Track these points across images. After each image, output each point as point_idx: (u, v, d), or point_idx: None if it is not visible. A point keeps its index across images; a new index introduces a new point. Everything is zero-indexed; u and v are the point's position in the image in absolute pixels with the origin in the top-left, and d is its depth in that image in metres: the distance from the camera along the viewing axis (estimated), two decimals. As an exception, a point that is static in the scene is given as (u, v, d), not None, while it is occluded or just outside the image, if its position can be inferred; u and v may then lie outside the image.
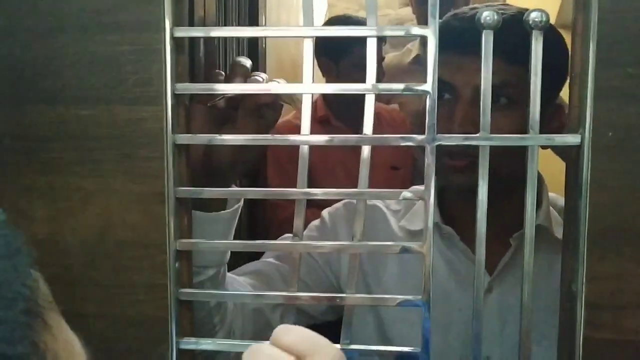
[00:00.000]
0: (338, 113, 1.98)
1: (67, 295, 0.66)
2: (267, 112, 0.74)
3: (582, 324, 0.61)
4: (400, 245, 0.64)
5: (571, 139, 0.61)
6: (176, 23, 0.64)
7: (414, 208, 1.02)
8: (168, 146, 0.64)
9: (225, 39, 1.32)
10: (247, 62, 0.75)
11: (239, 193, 0.66)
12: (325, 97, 2.04)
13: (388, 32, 0.65)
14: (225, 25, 1.35)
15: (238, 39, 1.45)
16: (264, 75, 0.74)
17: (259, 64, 1.68)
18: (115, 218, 0.66)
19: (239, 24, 1.47)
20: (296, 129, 0.65)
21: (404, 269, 0.98)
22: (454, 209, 0.99)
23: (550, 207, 0.99)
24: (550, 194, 1.00)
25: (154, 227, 0.66)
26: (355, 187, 0.63)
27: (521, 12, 0.83)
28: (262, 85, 0.71)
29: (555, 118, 0.91)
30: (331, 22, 2.11)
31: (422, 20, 2.13)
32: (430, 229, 0.62)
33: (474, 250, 0.92)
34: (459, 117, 0.86)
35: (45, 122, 0.66)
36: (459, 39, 0.80)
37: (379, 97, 2.48)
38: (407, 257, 0.88)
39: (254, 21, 1.60)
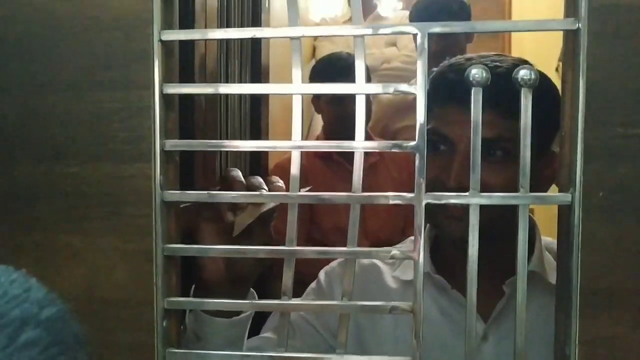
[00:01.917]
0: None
1: (52, 355, 0.64)
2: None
3: (577, 387, 0.59)
4: (390, 306, 0.63)
5: (562, 198, 0.60)
6: (166, 80, 0.64)
7: (406, 260, 1.01)
8: (156, 203, 0.64)
9: (227, 48, 1.33)
10: (238, 173, 0.76)
11: (231, 251, 0.65)
12: (327, 133, 2.05)
13: (374, 90, 0.65)
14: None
15: (240, 58, 1.45)
16: (259, 179, 0.75)
17: (261, 74, 1.68)
18: (102, 276, 0.65)
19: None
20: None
21: (401, 321, 0.96)
22: (447, 257, 0.98)
23: (546, 252, 0.98)
24: (546, 239, 1.00)
25: (141, 286, 0.65)
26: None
27: (515, 64, 0.83)
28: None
29: (549, 166, 0.91)
30: (323, 60, 2.11)
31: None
32: (420, 289, 0.61)
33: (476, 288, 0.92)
34: (455, 170, 0.85)
35: (34, 179, 0.66)
36: (454, 92, 0.80)
37: (383, 134, 2.51)
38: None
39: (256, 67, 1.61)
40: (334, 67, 1.98)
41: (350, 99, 0.61)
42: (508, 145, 0.85)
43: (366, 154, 1.91)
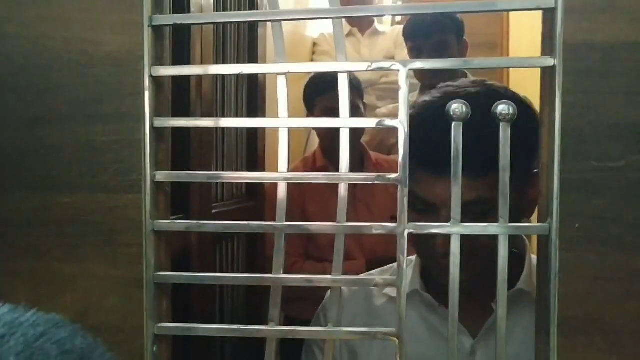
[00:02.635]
0: (336, 163, 2.01)
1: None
2: None
3: (555, 413, 0.61)
4: (375, 331, 0.64)
5: (540, 229, 0.62)
6: (157, 113, 0.66)
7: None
8: (147, 233, 0.66)
9: (223, 78, 1.35)
10: None
11: (219, 279, 0.67)
12: (323, 148, 2.08)
13: (358, 124, 0.67)
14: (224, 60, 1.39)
15: (237, 78, 1.48)
16: None
17: (257, 104, 1.70)
18: (95, 303, 0.67)
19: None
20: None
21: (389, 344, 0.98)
22: (436, 274, 1.00)
23: (535, 271, 0.99)
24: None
25: (132, 312, 0.67)
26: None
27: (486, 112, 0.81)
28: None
29: (535, 185, 0.93)
30: (316, 76, 2.12)
31: (417, 74, 2.17)
32: (404, 315, 0.63)
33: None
34: (441, 237, 0.83)
35: (28, 208, 0.68)
36: (428, 157, 0.80)
37: (379, 149, 2.53)
38: None
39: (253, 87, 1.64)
40: (326, 81, 2.00)
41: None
42: (488, 204, 0.84)
43: (363, 168, 1.93)
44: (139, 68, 0.65)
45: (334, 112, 0.62)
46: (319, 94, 1.96)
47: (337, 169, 2.06)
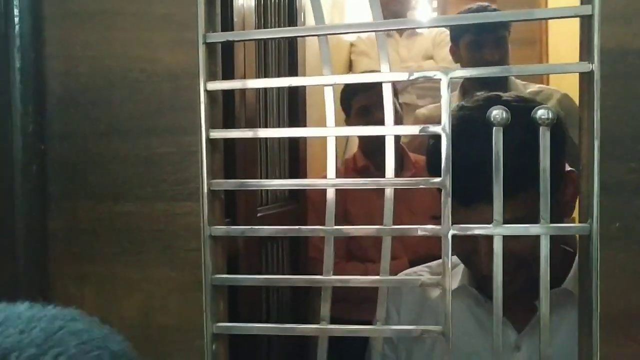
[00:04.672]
0: (377, 163, 2.04)
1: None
2: None
3: (599, 407, 0.63)
4: (421, 329, 0.67)
5: (580, 228, 0.64)
6: (211, 125, 0.71)
7: (453, 270, 1.06)
8: (205, 238, 0.70)
9: (265, 91, 1.40)
10: None
11: (272, 280, 0.71)
12: (363, 149, 2.11)
13: (403, 131, 0.70)
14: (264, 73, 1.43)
15: (279, 91, 1.52)
16: None
17: (299, 111, 1.74)
18: (157, 305, 0.72)
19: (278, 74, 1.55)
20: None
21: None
22: (484, 270, 1.03)
23: None
24: None
25: (192, 313, 0.71)
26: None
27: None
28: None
29: (569, 185, 0.94)
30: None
31: (457, 59, 2.18)
32: (449, 313, 0.66)
33: (503, 311, 0.96)
34: (486, 262, 0.84)
35: (95, 216, 0.73)
36: (472, 192, 0.81)
37: (419, 150, 2.55)
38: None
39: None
40: (362, 84, 2.03)
41: (378, 110, 0.66)
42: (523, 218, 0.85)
43: (402, 169, 1.94)
44: (194, 83, 0.69)
45: (369, 110, 0.65)
46: (354, 93, 1.99)
47: (377, 169, 2.10)
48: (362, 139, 2.13)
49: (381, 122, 0.69)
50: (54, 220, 0.74)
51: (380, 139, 0.70)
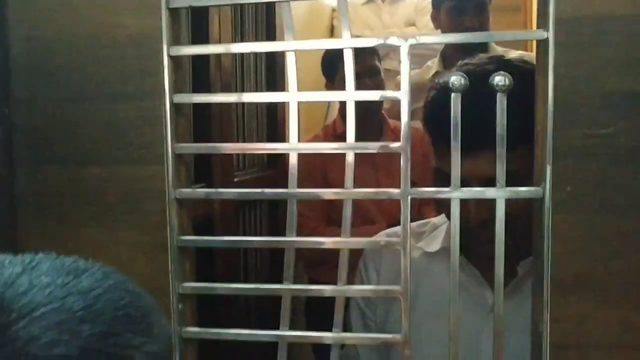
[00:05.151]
0: (356, 129, 2.06)
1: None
2: None
3: (548, 362, 0.66)
4: (381, 290, 0.70)
5: (534, 192, 0.66)
6: (176, 90, 0.71)
7: (434, 233, 1.08)
8: (170, 201, 0.71)
9: (242, 55, 1.40)
10: None
11: (236, 242, 0.73)
12: (343, 115, 2.12)
13: (362, 96, 0.71)
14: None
15: (256, 54, 1.53)
16: None
17: (277, 78, 1.74)
18: (124, 266, 0.73)
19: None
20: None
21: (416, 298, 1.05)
22: (466, 235, 1.05)
23: None
24: None
25: (158, 274, 0.73)
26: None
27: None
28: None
29: None
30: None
31: (438, 25, 2.18)
32: (408, 277, 0.68)
33: (482, 272, 0.99)
34: (474, 211, 0.87)
35: (61, 180, 0.74)
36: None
37: (399, 116, 2.56)
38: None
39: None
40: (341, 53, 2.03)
41: (364, 77, 0.68)
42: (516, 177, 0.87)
43: (382, 135, 1.95)
44: (158, 49, 0.69)
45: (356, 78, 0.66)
46: (339, 60, 1.99)
47: (357, 135, 2.09)
48: (342, 105, 2.14)
49: (367, 88, 0.70)
50: (21, 184, 0.75)
51: (361, 105, 0.71)
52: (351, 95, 0.69)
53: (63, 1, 0.72)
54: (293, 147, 0.70)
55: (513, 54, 2.20)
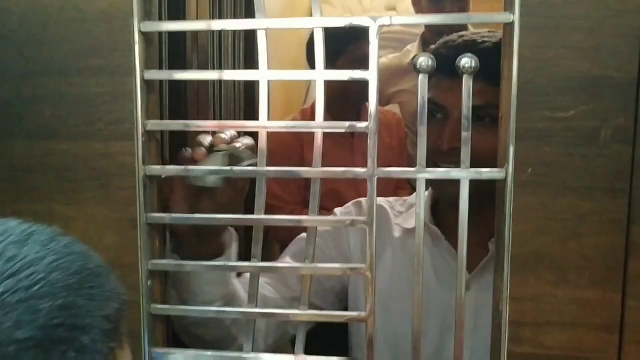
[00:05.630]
0: (336, 114, 2.06)
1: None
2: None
3: (507, 339, 0.68)
4: (347, 267, 0.71)
5: (497, 173, 0.68)
6: (147, 66, 0.72)
7: (410, 210, 1.10)
8: (139, 177, 0.72)
9: (219, 35, 1.40)
10: (207, 138, 0.82)
11: (207, 219, 0.73)
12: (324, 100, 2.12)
13: (332, 76, 0.72)
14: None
15: (234, 35, 1.52)
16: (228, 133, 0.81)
17: (255, 56, 1.73)
18: (93, 242, 0.73)
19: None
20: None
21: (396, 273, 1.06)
22: (443, 211, 1.07)
23: None
24: None
25: (127, 250, 0.73)
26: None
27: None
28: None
29: None
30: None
31: (419, 10, 2.19)
32: (373, 254, 0.70)
33: (457, 250, 1.01)
34: (448, 134, 0.94)
35: (29, 154, 0.74)
36: (445, 65, 0.86)
37: (379, 99, 2.56)
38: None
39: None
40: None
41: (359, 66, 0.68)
42: (495, 111, 0.91)
43: (361, 118, 1.97)
44: (129, 24, 0.69)
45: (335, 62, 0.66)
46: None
47: (334, 118, 2.10)
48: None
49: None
50: (-11, 158, 0.75)
51: (348, 91, 0.72)
52: (320, 74, 0.70)
53: (33, -26, 0.72)
54: (262, 125, 0.70)
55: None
